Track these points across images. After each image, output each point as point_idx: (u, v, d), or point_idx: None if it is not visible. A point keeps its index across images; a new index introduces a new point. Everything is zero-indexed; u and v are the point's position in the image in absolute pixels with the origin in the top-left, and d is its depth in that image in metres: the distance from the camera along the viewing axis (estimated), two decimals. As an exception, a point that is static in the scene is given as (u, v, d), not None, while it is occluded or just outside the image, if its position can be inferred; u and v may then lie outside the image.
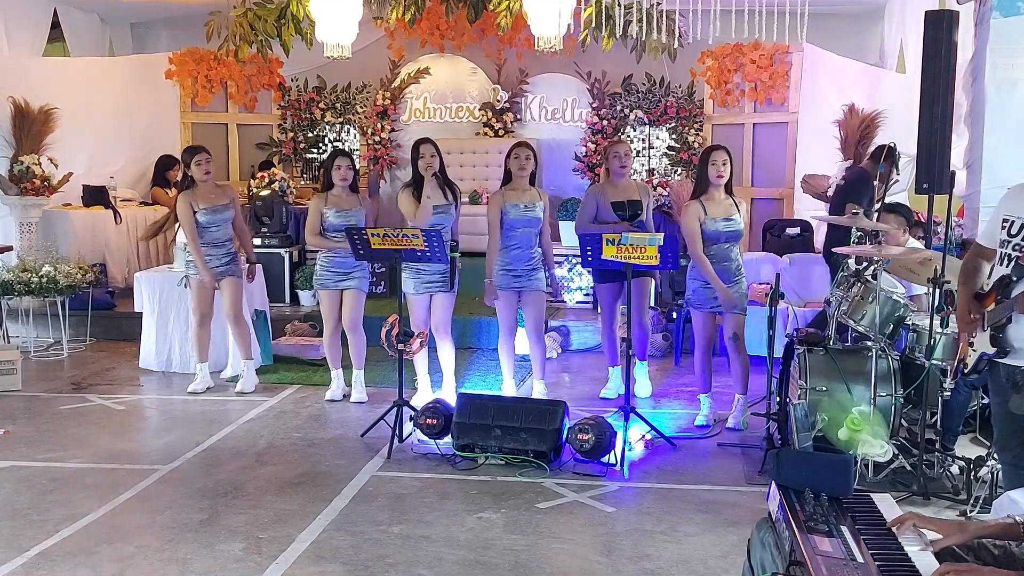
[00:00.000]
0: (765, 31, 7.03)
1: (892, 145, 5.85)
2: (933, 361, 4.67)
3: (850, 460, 2.71)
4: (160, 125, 10.39)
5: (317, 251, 6.41)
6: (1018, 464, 3.58)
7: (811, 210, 8.59)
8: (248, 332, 6.69)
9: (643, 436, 5.42)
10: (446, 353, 6.19)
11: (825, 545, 2.27)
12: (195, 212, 6.38)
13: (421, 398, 6.03)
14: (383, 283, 8.95)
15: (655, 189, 9.48)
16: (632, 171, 6.52)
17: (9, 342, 7.71)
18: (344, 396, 6.38)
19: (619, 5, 7.73)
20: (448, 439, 5.22)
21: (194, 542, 4.07)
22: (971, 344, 3.80)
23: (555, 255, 7.96)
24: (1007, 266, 3.61)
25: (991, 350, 3.65)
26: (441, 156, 6.04)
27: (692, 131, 10.03)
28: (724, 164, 5.61)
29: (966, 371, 3.90)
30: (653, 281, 6.47)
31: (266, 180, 9.09)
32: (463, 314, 7.49)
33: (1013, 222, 3.61)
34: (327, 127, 10.92)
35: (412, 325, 6.02)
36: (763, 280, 7.54)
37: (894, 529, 2.39)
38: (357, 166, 6.54)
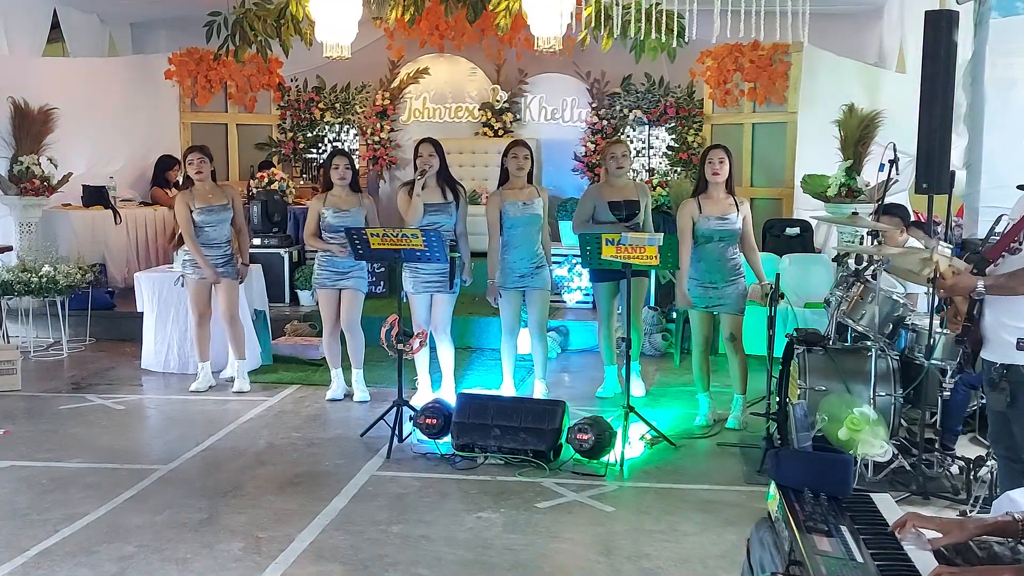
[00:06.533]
0: (764, 31, 7.02)
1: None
2: (933, 361, 4.67)
3: (850, 460, 2.71)
4: (160, 125, 10.39)
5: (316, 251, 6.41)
6: (1011, 457, 3.59)
7: (811, 210, 8.58)
8: (243, 333, 6.69)
9: (643, 436, 5.42)
10: (445, 353, 6.19)
11: (824, 545, 2.27)
12: (192, 211, 6.40)
13: (421, 398, 6.03)
14: (383, 283, 8.95)
15: (655, 189, 9.49)
16: (632, 171, 6.50)
17: (9, 342, 7.70)
18: (345, 395, 6.38)
19: (618, 5, 7.73)
20: (447, 439, 5.22)
21: (194, 542, 4.07)
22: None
23: (555, 255, 7.98)
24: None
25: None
26: (443, 156, 6.04)
27: (692, 131, 10.03)
28: (721, 163, 5.63)
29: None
30: (648, 281, 6.46)
31: (265, 180, 9.09)
32: (463, 314, 7.49)
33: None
34: (326, 127, 10.92)
35: (413, 324, 6.02)
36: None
37: (896, 533, 2.39)
38: (356, 165, 6.51)
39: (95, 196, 9.33)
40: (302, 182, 10.59)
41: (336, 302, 6.27)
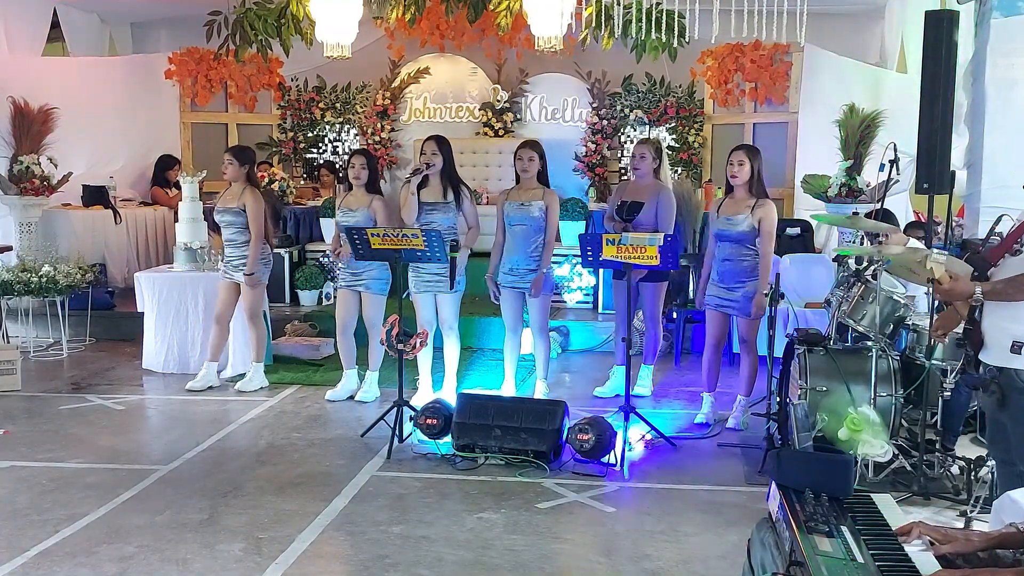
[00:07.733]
0: (765, 30, 7.03)
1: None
2: (933, 361, 4.67)
3: (850, 460, 2.70)
4: (160, 125, 10.40)
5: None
6: (1006, 460, 3.59)
7: (811, 210, 8.58)
8: (262, 335, 6.70)
9: (643, 436, 5.42)
10: (451, 349, 6.20)
11: (825, 545, 2.27)
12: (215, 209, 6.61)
13: (421, 398, 6.02)
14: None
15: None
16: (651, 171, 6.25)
17: (9, 342, 7.70)
18: (350, 396, 6.37)
19: (618, 4, 7.73)
20: (448, 439, 5.22)
21: (194, 542, 4.07)
22: None
23: (555, 254, 7.92)
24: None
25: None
26: (449, 154, 6.03)
27: (692, 131, 10.03)
28: (740, 164, 5.58)
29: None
30: (665, 283, 6.41)
31: (266, 180, 9.08)
32: (463, 314, 7.46)
33: None
34: (327, 127, 10.92)
35: (417, 323, 6.03)
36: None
37: (901, 539, 2.39)
38: (376, 166, 6.49)
39: (95, 196, 9.33)
40: (302, 182, 10.59)
41: (351, 303, 6.28)
